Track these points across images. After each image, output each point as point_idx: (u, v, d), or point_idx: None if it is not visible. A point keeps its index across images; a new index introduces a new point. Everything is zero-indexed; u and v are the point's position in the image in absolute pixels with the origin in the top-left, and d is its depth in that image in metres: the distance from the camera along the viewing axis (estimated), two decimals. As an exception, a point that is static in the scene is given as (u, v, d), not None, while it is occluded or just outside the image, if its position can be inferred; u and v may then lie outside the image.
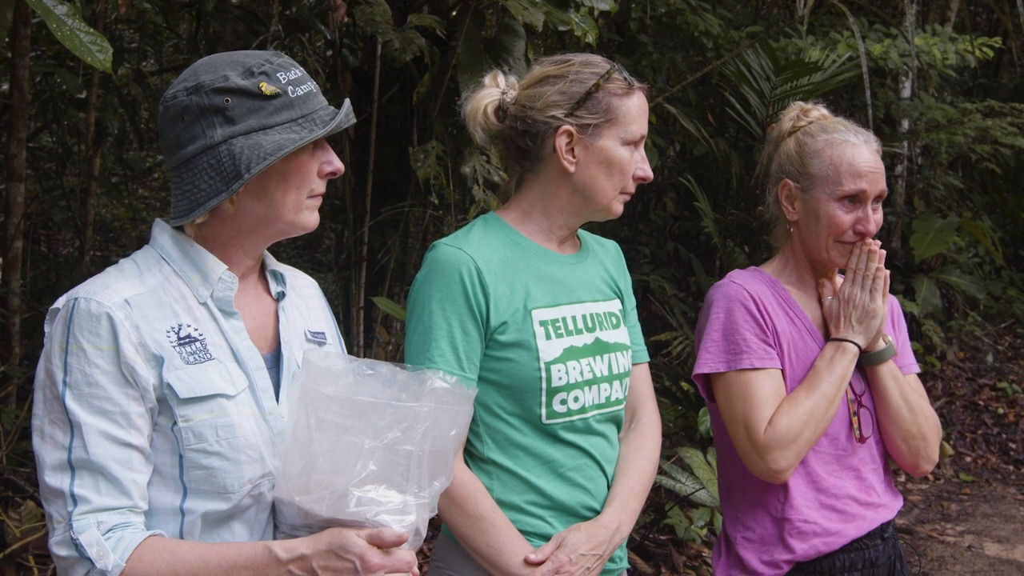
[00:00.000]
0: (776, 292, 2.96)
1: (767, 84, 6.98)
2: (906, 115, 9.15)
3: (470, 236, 2.70)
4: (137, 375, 2.02)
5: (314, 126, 2.11)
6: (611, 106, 2.67)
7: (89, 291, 2.06)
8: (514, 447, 2.66)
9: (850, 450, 2.91)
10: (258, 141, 2.06)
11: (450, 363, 2.58)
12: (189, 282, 2.14)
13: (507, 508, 2.65)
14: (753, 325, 2.86)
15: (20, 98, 5.51)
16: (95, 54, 2.99)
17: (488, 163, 5.65)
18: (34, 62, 6.21)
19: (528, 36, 5.66)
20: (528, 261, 2.70)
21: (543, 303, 2.67)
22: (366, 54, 6.41)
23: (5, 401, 5.31)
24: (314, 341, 2.32)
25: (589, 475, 2.71)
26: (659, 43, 7.95)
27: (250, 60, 2.11)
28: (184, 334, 2.09)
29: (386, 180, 6.47)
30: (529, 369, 2.62)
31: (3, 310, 5.57)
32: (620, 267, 2.94)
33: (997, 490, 7.95)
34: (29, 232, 6.52)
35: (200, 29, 7.22)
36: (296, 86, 2.11)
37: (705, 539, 6.10)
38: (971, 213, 10.17)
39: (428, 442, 2.04)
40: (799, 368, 2.90)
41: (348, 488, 1.98)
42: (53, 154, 7.97)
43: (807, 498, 2.87)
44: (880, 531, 2.93)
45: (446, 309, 2.60)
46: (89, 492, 1.98)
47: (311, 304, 2.41)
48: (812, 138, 2.94)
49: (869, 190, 2.86)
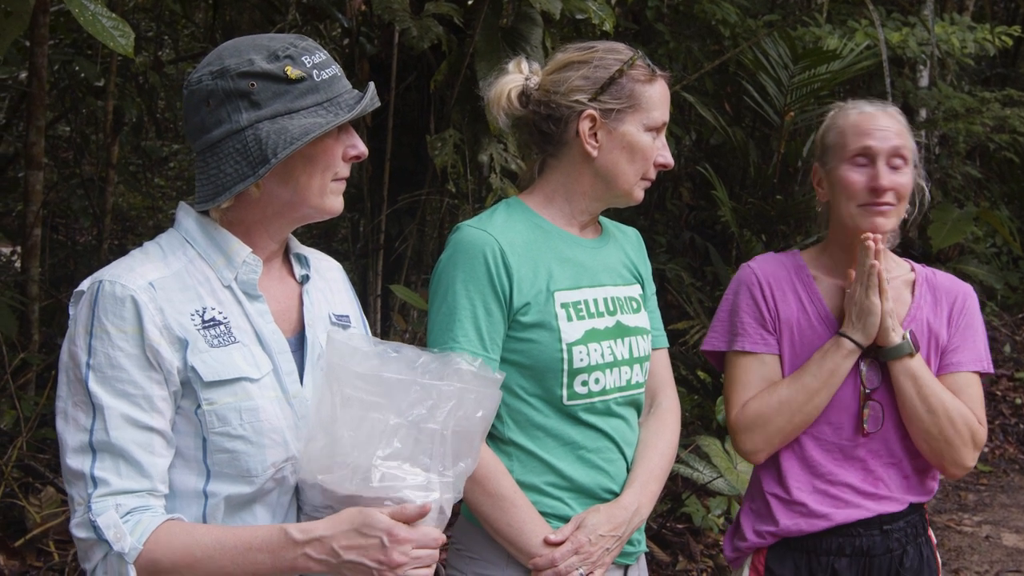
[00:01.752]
0: (798, 276, 2.98)
1: (785, 72, 6.94)
2: (924, 104, 9.11)
3: (494, 218, 2.72)
4: (161, 358, 2.02)
5: (339, 110, 2.10)
6: (634, 92, 2.69)
7: (114, 274, 2.06)
8: (535, 428, 2.67)
9: (857, 442, 2.92)
10: (284, 125, 2.06)
11: (473, 343, 2.59)
12: (213, 265, 2.14)
13: (527, 489, 2.66)
14: (753, 309, 2.96)
15: (38, 86, 5.53)
16: (117, 39, 3.00)
17: (505, 151, 5.65)
18: (52, 50, 6.21)
19: (545, 24, 5.65)
20: (550, 244, 2.71)
21: (565, 285, 2.68)
22: (383, 42, 6.41)
23: (25, 388, 5.34)
24: (339, 324, 2.32)
25: (609, 457, 2.73)
26: (676, 31, 7.92)
27: (275, 44, 2.10)
28: (208, 317, 2.09)
29: (403, 168, 6.48)
30: (551, 350, 2.63)
31: (22, 297, 5.59)
32: (640, 253, 2.95)
33: (1015, 480, 7.93)
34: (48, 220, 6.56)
35: (217, 17, 7.23)
36: (321, 69, 2.11)
37: (722, 528, 6.10)
38: (989, 203, 10.13)
39: (453, 421, 2.04)
40: (802, 354, 2.94)
41: (371, 465, 1.98)
42: (71, 142, 7.99)
43: (800, 480, 2.93)
44: (879, 522, 2.92)
45: (470, 290, 2.61)
46: (109, 475, 1.99)
47: (335, 287, 2.41)
48: (828, 116, 3.02)
49: (877, 146, 2.85)
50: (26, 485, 4.86)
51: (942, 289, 3.05)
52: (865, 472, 2.92)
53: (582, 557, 2.62)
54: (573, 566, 2.60)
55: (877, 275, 2.83)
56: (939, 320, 2.99)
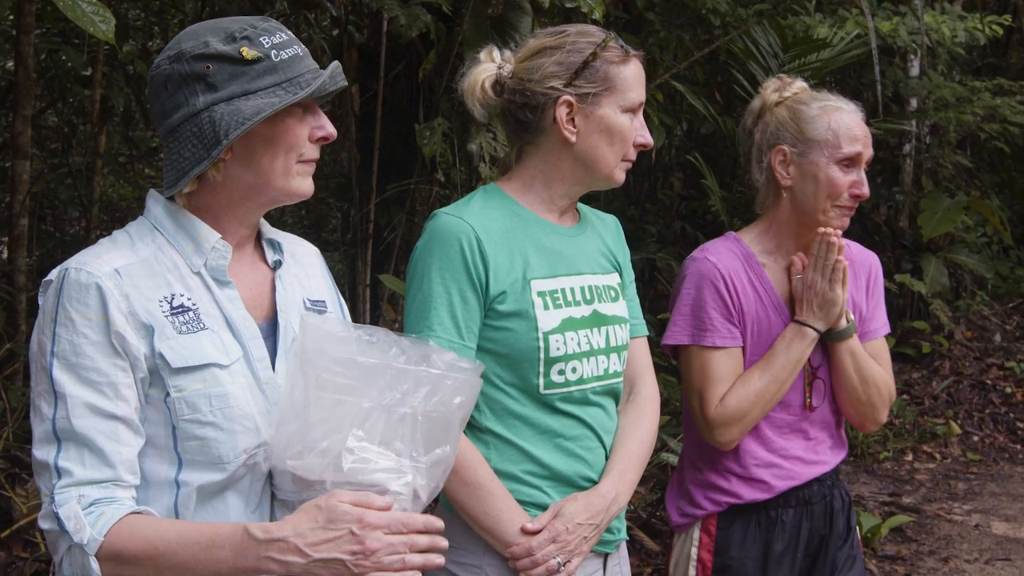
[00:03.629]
0: (749, 266, 3.10)
1: (775, 61, 6.95)
2: (914, 93, 9.11)
3: (470, 205, 2.70)
4: (127, 344, 1.99)
5: (299, 89, 2.07)
6: (609, 74, 2.67)
7: (80, 261, 2.04)
8: (512, 417, 2.67)
9: (801, 416, 3.13)
10: (238, 107, 2.03)
11: (449, 331, 2.58)
12: (182, 252, 2.12)
13: (504, 478, 2.66)
14: (720, 304, 3.04)
15: (25, 75, 5.50)
16: (97, 24, 2.97)
17: (494, 140, 5.64)
18: (39, 39, 6.18)
19: (534, 13, 5.64)
20: (528, 231, 2.70)
21: (542, 274, 2.67)
22: (372, 31, 6.39)
23: (11, 378, 5.32)
24: (313, 310, 2.30)
25: (587, 445, 2.72)
26: (666, 21, 7.90)
27: (233, 26, 2.08)
28: (177, 303, 2.06)
29: (392, 158, 6.46)
30: (527, 339, 2.62)
31: (9, 288, 5.58)
32: (619, 241, 2.94)
33: (1004, 469, 7.94)
34: (35, 210, 6.54)
35: (205, 7, 7.20)
36: (280, 50, 2.08)
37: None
38: (979, 192, 10.13)
39: (428, 407, 2.01)
40: (761, 343, 3.08)
41: (342, 449, 1.95)
42: (58, 132, 7.95)
43: (756, 458, 3.11)
44: (817, 480, 3.17)
45: (445, 277, 2.60)
46: (73, 465, 1.96)
47: (311, 272, 2.38)
48: (806, 105, 3.10)
49: (864, 154, 3.03)
50: (13, 476, 4.85)
51: (858, 261, 3.24)
52: (807, 441, 3.16)
53: (559, 546, 2.61)
54: (550, 554, 2.60)
55: (843, 270, 3.00)
56: (859, 292, 3.22)
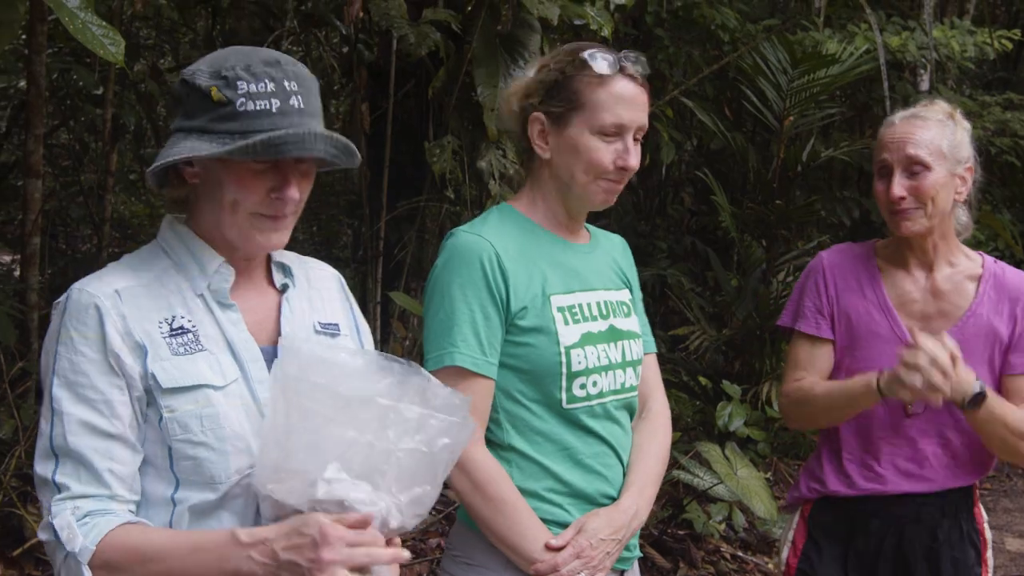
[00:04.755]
0: (864, 265, 3.20)
1: (784, 77, 6.95)
2: (924, 108, 9.09)
3: (487, 223, 2.71)
4: (123, 363, 2.03)
5: (238, 143, 1.99)
6: (579, 94, 2.64)
7: (83, 283, 2.09)
8: (534, 433, 2.66)
9: (905, 421, 3.11)
10: (184, 142, 2.02)
11: (472, 348, 2.58)
12: (188, 274, 2.14)
13: (526, 495, 2.64)
14: (815, 295, 3.20)
15: (37, 94, 5.52)
16: (107, 47, 2.98)
17: (504, 157, 5.66)
18: (51, 58, 6.21)
19: (544, 30, 5.66)
20: (543, 248, 2.70)
21: (560, 289, 2.68)
22: (381, 49, 6.42)
23: (24, 396, 5.33)
24: (324, 333, 2.30)
25: (606, 462, 2.72)
26: (675, 37, 7.93)
27: (232, 61, 2.04)
28: (177, 325, 2.09)
29: (402, 175, 6.48)
30: (550, 354, 2.62)
31: (22, 306, 5.59)
32: (627, 259, 2.96)
33: (1018, 485, 7.92)
34: (47, 229, 6.56)
35: (216, 25, 7.23)
36: (254, 99, 2.00)
37: (723, 534, 6.08)
38: (990, 206, 10.10)
39: (411, 444, 1.98)
40: (859, 336, 3.14)
41: (319, 477, 1.94)
42: (70, 151, 7.99)
43: (852, 452, 3.18)
44: (912, 497, 3.11)
45: (467, 295, 2.60)
46: (70, 480, 2.00)
47: (327, 296, 2.38)
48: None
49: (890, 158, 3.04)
50: (25, 494, 4.85)
51: (1010, 286, 3.12)
52: (913, 451, 3.12)
53: (584, 561, 2.61)
54: (575, 570, 2.59)
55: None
56: (1000, 318, 3.09)
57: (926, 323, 3.06)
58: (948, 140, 3.01)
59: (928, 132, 3.00)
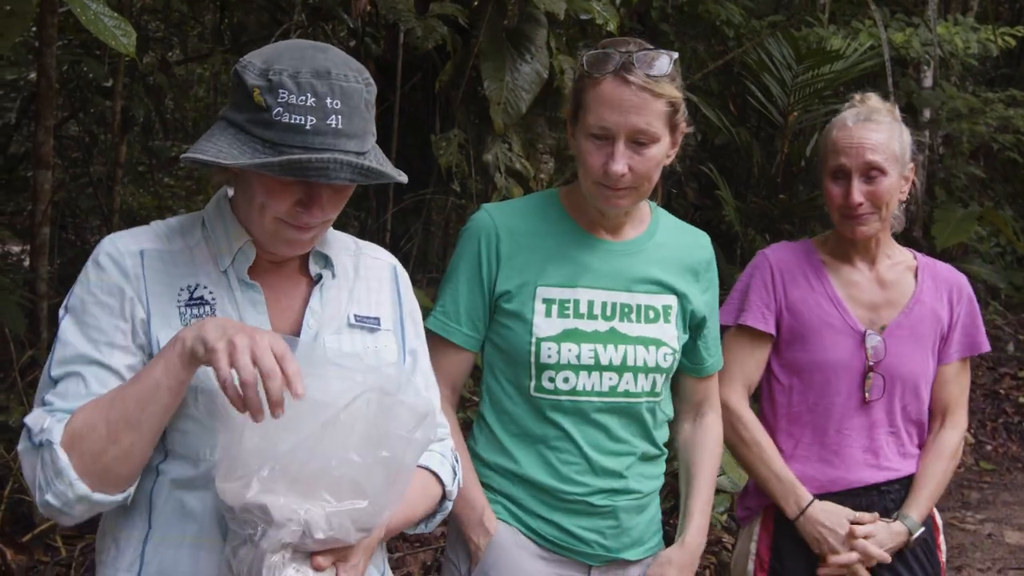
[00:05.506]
0: (808, 260, 3.22)
1: (789, 73, 6.99)
2: (928, 104, 9.13)
3: (511, 205, 2.82)
4: (134, 316, 2.06)
5: (268, 156, 1.95)
6: (579, 94, 2.65)
7: (116, 237, 2.14)
8: (502, 412, 2.77)
9: (861, 409, 3.14)
10: (221, 136, 2.01)
11: (449, 316, 2.73)
12: (217, 249, 2.15)
13: (482, 464, 2.79)
14: (761, 290, 3.19)
15: (47, 86, 5.56)
16: (119, 38, 3.01)
17: (510, 151, 5.69)
18: (61, 51, 6.26)
19: (550, 25, 5.69)
20: (557, 239, 2.73)
21: (555, 282, 2.70)
22: (388, 43, 6.45)
23: (33, 385, 5.36)
24: (360, 326, 2.26)
25: (565, 459, 2.74)
26: (680, 32, 7.95)
27: (282, 62, 1.98)
28: (197, 295, 2.10)
29: (408, 168, 6.46)
30: (522, 342, 2.69)
31: (31, 296, 5.62)
32: (693, 265, 2.85)
33: (1018, 478, 7.95)
34: (57, 220, 6.58)
35: (224, 18, 7.27)
36: (291, 112, 1.95)
37: (725, 525, 6.12)
38: (992, 203, 10.14)
39: (353, 455, 1.90)
40: (813, 326, 3.14)
41: (254, 479, 1.88)
42: (79, 142, 8.03)
43: (809, 447, 3.18)
44: (877, 485, 3.16)
45: (460, 267, 2.74)
46: (57, 399, 2.00)
47: (375, 287, 2.34)
48: (827, 126, 3.23)
49: (848, 163, 3.08)
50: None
51: (942, 276, 3.26)
52: (870, 440, 3.16)
53: None
54: None
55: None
56: (940, 304, 3.22)
57: (875, 312, 3.17)
58: (899, 142, 3.08)
59: (882, 135, 3.06)
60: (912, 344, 3.15)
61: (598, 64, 2.58)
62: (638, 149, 2.57)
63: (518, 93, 5.53)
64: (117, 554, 2.11)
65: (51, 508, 1.96)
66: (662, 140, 2.60)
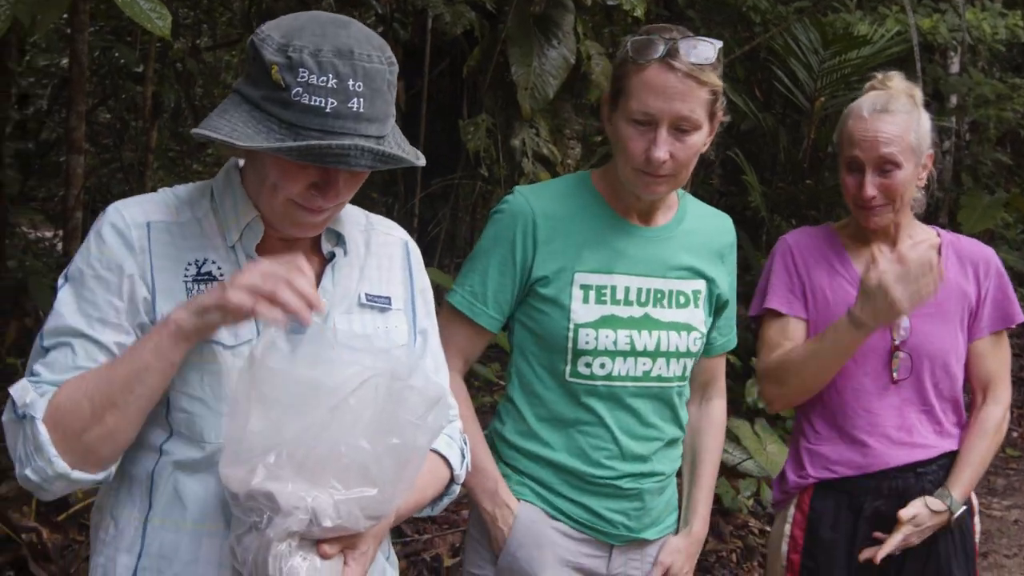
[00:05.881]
0: (829, 244, 3.19)
1: (815, 58, 6.98)
2: (954, 90, 9.11)
3: (547, 189, 2.81)
4: (134, 293, 1.99)
5: (285, 138, 1.86)
6: (620, 80, 2.63)
7: (123, 204, 2.06)
8: (533, 396, 2.76)
9: (890, 389, 3.11)
10: (235, 112, 1.92)
11: (477, 295, 2.70)
12: (225, 223, 2.07)
13: (509, 447, 2.80)
14: (784, 275, 3.17)
15: (79, 72, 5.61)
16: (155, 21, 3.03)
17: (537, 136, 5.72)
18: (93, 37, 6.30)
19: (577, 10, 5.71)
20: (593, 224, 2.73)
21: (592, 267, 2.70)
22: (416, 28, 6.49)
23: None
24: (371, 305, 2.20)
25: (595, 443, 2.75)
26: (706, 18, 7.93)
27: (303, 39, 1.88)
28: (205, 270, 2.03)
29: (436, 153, 6.52)
30: (559, 327, 2.68)
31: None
32: (719, 248, 2.87)
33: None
34: (88, 204, 6.64)
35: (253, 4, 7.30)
36: (311, 93, 1.85)
37: (751, 509, 6.15)
38: (1019, 189, 10.09)
39: (362, 441, 1.84)
40: (835, 311, 3.09)
41: (259, 465, 1.82)
42: (111, 128, 8.09)
43: (839, 429, 3.14)
44: (913, 467, 3.12)
45: (492, 250, 2.72)
46: (44, 369, 1.95)
47: (387, 264, 2.26)
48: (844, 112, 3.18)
49: (862, 156, 3.03)
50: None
51: (966, 251, 3.23)
52: (900, 419, 3.12)
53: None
54: None
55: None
56: (966, 280, 3.19)
57: None
58: (915, 132, 3.03)
59: (898, 127, 3.00)
60: (938, 321, 3.13)
61: (643, 50, 2.56)
62: (680, 136, 2.57)
63: (545, 78, 5.56)
64: (116, 533, 2.06)
65: (30, 482, 1.93)
66: (703, 128, 2.60)
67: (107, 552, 2.06)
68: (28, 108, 7.43)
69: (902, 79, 3.15)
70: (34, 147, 7.39)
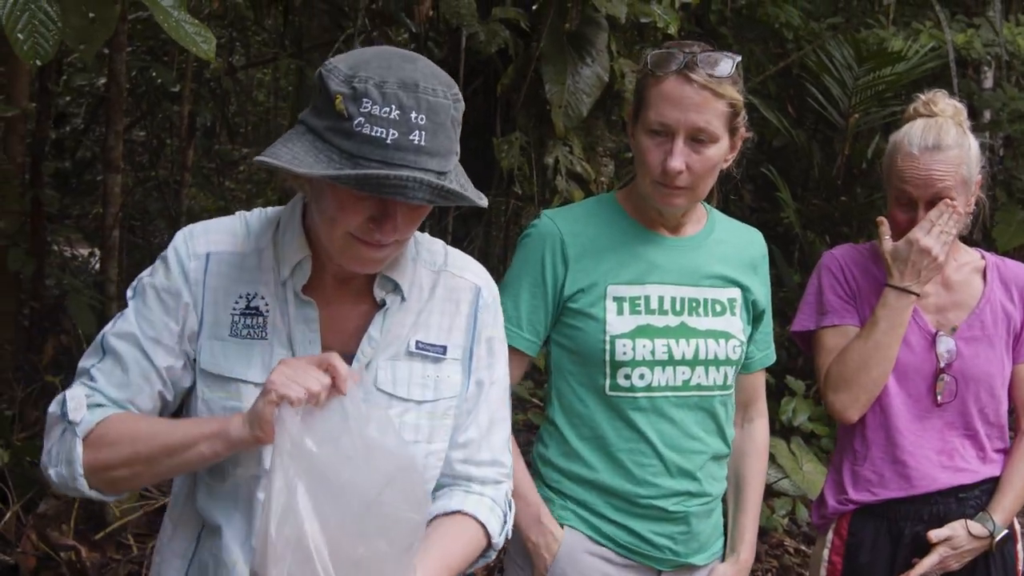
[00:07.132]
0: (872, 258, 3.17)
1: (849, 74, 6.96)
2: (988, 106, 9.05)
3: (572, 210, 2.84)
4: (186, 318, 2.08)
5: (344, 167, 1.85)
6: (640, 92, 2.69)
7: (190, 232, 2.14)
8: (573, 415, 2.78)
9: (933, 412, 3.10)
10: (298, 141, 1.91)
11: (511, 320, 2.67)
12: (280, 257, 2.10)
13: (553, 470, 2.80)
14: (836, 286, 3.15)
15: (117, 92, 5.66)
16: (200, 44, 3.07)
17: (571, 154, 5.72)
18: (130, 57, 6.37)
19: (610, 28, 5.71)
20: (622, 239, 2.75)
21: (625, 280, 2.72)
22: (450, 47, 6.49)
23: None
24: (423, 354, 2.17)
25: (639, 460, 2.75)
26: (739, 35, 7.93)
27: (369, 70, 1.88)
28: (254, 305, 2.08)
29: (470, 171, 6.48)
30: (595, 340, 2.70)
31: (101, 297, 5.73)
32: (752, 259, 2.90)
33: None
34: (125, 222, 6.69)
35: (287, 23, 7.36)
36: (373, 124, 1.84)
37: (787, 528, 6.12)
38: (1053, 205, 10.04)
39: (381, 542, 1.85)
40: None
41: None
42: (147, 146, 8.15)
43: (880, 452, 3.12)
44: (954, 491, 3.10)
45: (523, 273, 2.74)
46: (102, 376, 2.07)
47: (450, 310, 2.22)
48: (891, 141, 3.13)
49: (915, 194, 3.02)
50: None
51: (1011, 274, 3.21)
52: (942, 443, 3.10)
53: None
54: None
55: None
56: (1011, 303, 3.17)
57: (942, 315, 3.14)
58: (966, 164, 3.01)
59: (950, 164, 2.98)
60: (985, 345, 3.12)
61: (662, 63, 2.61)
62: (696, 147, 2.60)
63: (579, 96, 5.56)
64: (172, 536, 2.19)
65: (50, 478, 2.06)
66: (721, 141, 2.63)
67: (163, 553, 2.21)
68: (64, 127, 7.49)
69: (946, 99, 3.13)
70: (70, 166, 7.45)
